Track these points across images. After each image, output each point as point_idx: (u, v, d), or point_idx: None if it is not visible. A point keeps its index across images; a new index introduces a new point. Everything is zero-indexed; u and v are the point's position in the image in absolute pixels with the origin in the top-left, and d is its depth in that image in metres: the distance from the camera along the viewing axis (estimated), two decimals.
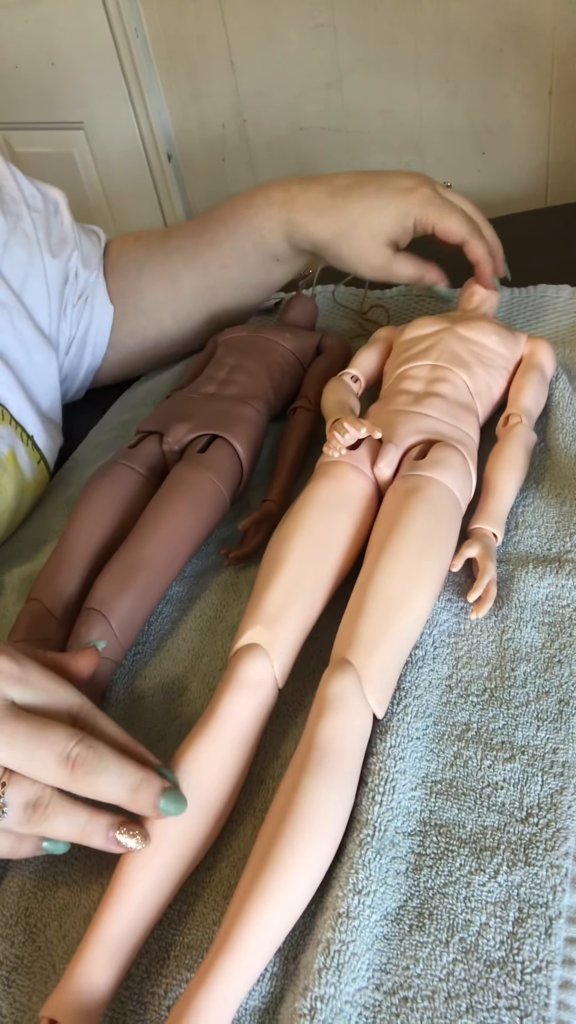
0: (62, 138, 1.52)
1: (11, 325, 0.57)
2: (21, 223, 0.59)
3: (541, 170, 1.17)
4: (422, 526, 0.41)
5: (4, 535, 0.56)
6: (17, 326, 0.57)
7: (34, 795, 0.32)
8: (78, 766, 0.31)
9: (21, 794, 0.31)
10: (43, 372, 0.60)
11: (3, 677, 0.33)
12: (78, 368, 0.67)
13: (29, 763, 0.31)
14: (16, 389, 0.56)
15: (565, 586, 0.42)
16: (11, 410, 0.56)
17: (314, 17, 1.18)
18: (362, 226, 0.59)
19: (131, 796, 0.32)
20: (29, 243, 0.59)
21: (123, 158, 1.49)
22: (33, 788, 0.32)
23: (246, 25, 1.24)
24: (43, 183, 0.64)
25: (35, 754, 0.31)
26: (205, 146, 1.42)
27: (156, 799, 0.32)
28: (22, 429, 0.56)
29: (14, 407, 0.56)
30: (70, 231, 0.64)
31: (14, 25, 1.39)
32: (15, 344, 0.57)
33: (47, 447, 0.59)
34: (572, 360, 0.58)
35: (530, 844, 0.33)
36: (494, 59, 1.10)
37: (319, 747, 0.34)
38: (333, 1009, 0.29)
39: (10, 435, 0.55)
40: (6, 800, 0.31)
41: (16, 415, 0.56)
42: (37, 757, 0.31)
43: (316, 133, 1.31)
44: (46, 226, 0.61)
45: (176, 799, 0.33)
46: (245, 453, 0.51)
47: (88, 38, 1.35)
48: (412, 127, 1.22)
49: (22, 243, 0.59)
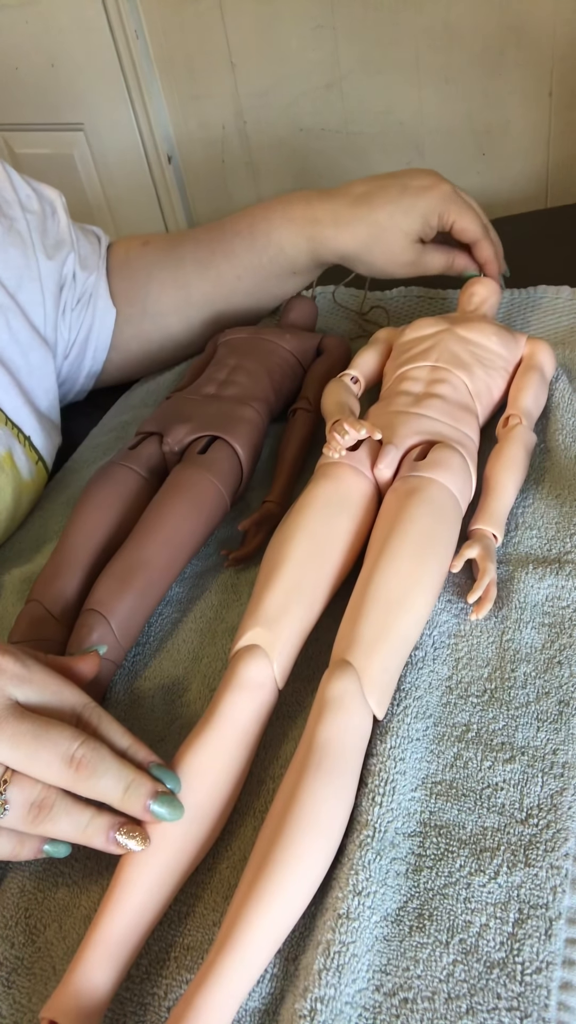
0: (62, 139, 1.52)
1: (6, 325, 0.57)
2: (16, 225, 0.59)
3: (541, 171, 1.17)
4: (422, 527, 0.41)
5: (3, 536, 0.56)
6: (12, 326, 0.57)
7: (38, 795, 0.32)
8: (82, 767, 0.32)
9: (23, 793, 0.32)
10: (40, 372, 0.60)
11: (7, 677, 0.33)
12: (78, 371, 0.67)
13: (33, 763, 0.32)
14: (12, 390, 0.56)
15: (565, 587, 0.42)
16: (6, 411, 0.56)
17: (314, 18, 1.18)
18: (391, 228, 0.60)
19: (122, 797, 0.33)
20: (24, 245, 0.59)
21: (123, 159, 1.49)
22: (36, 788, 0.32)
23: (246, 26, 1.24)
24: (41, 183, 0.64)
25: (39, 754, 0.32)
26: (205, 147, 1.42)
27: (145, 801, 0.33)
28: (19, 430, 0.56)
29: (9, 408, 0.56)
30: (67, 233, 0.64)
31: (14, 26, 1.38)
32: (11, 344, 0.57)
33: (45, 447, 0.59)
34: (572, 361, 0.58)
35: (530, 845, 0.33)
36: (494, 60, 1.10)
37: (319, 748, 0.34)
38: (333, 1010, 0.29)
39: (6, 436, 0.55)
40: (7, 798, 0.31)
41: (12, 416, 0.56)
42: (41, 757, 0.32)
43: (316, 134, 1.31)
44: (41, 228, 0.61)
45: (170, 803, 0.33)
46: (245, 454, 0.51)
47: (88, 39, 1.35)
48: (412, 128, 1.22)
49: (16, 244, 0.59)
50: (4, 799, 0.31)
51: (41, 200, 0.63)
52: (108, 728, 0.35)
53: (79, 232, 0.66)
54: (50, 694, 0.34)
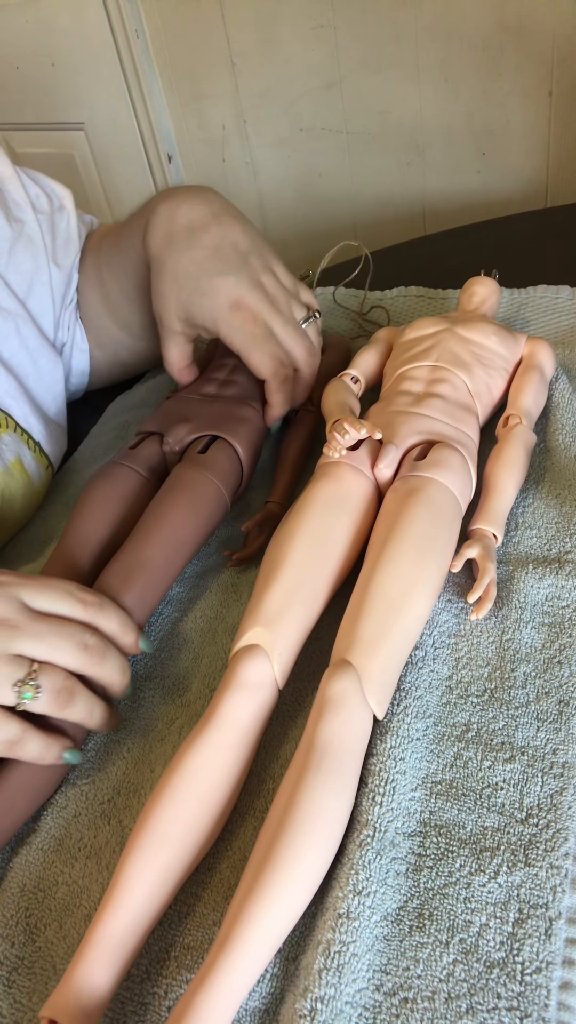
0: (63, 139, 1.52)
1: (16, 331, 0.56)
2: (26, 228, 0.59)
3: (541, 171, 1.17)
4: (422, 527, 0.41)
5: (10, 539, 0.56)
6: (22, 332, 0.57)
7: (63, 682, 0.37)
8: (94, 652, 0.38)
9: (51, 680, 0.36)
10: (49, 378, 0.60)
11: (10, 586, 0.37)
12: (69, 371, 0.67)
13: (56, 652, 0.37)
14: (21, 397, 0.56)
15: (565, 587, 0.42)
16: (16, 418, 0.55)
17: (314, 18, 1.18)
18: (178, 286, 0.50)
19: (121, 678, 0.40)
20: (35, 249, 0.58)
21: (123, 159, 1.49)
22: (61, 676, 0.37)
23: (246, 25, 1.24)
24: (50, 180, 0.63)
25: (60, 644, 0.37)
26: (205, 147, 1.42)
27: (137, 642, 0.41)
28: (28, 436, 0.56)
29: (19, 415, 0.56)
30: (76, 230, 0.63)
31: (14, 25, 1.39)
32: (21, 351, 0.57)
33: (53, 452, 0.59)
34: (572, 360, 0.58)
35: (530, 845, 0.33)
36: (494, 60, 1.10)
37: (319, 748, 0.34)
38: (333, 1010, 0.29)
39: (15, 442, 0.55)
40: (39, 683, 0.36)
41: (22, 422, 0.56)
42: (62, 647, 0.37)
43: (316, 134, 1.31)
44: (51, 228, 0.61)
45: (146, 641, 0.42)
46: (245, 454, 0.51)
47: (88, 39, 1.35)
48: (412, 127, 1.22)
49: (27, 250, 0.58)
50: (36, 684, 0.36)
51: (50, 198, 0.62)
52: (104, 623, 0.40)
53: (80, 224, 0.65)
54: (53, 597, 0.38)
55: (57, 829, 0.38)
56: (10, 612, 0.37)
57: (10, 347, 0.56)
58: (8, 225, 0.57)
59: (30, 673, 0.36)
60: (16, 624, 0.36)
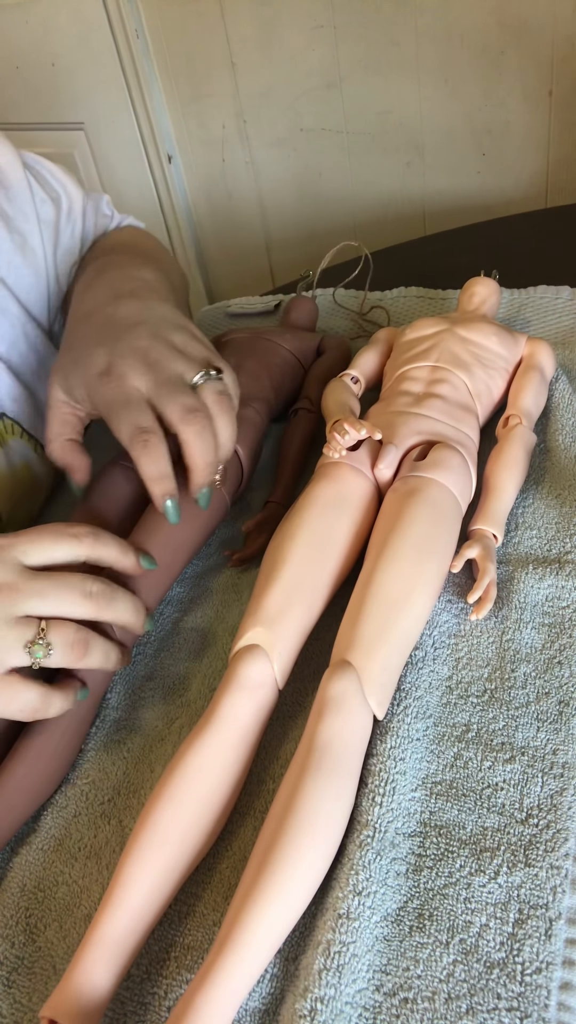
0: (62, 139, 1.52)
1: (24, 336, 0.56)
2: (29, 240, 0.58)
3: (541, 171, 1.17)
4: (422, 527, 0.41)
5: None
6: (28, 335, 0.57)
7: (75, 634, 0.37)
8: (99, 598, 0.38)
9: (62, 635, 0.37)
10: None
11: (5, 549, 0.37)
12: None
13: (61, 605, 0.37)
14: (29, 403, 0.56)
15: (565, 587, 0.42)
16: (23, 424, 0.56)
17: (314, 18, 1.18)
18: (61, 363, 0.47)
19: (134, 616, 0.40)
20: (36, 263, 0.58)
21: (123, 159, 1.49)
22: (71, 628, 0.37)
23: (246, 25, 1.24)
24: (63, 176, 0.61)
25: (64, 597, 0.37)
26: (205, 147, 1.42)
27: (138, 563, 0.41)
28: (36, 442, 0.57)
29: (27, 423, 0.56)
30: (78, 243, 0.62)
31: (14, 25, 1.38)
32: (29, 354, 0.57)
33: None
34: (572, 361, 0.58)
35: (530, 845, 0.33)
36: (494, 60, 1.10)
37: (319, 748, 0.34)
38: (333, 1010, 0.29)
39: (22, 447, 0.55)
40: (49, 640, 0.36)
41: (29, 429, 0.56)
42: (66, 599, 0.37)
43: (316, 134, 1.31)
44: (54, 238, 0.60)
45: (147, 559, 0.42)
46: (245, 454, 0.51)
47: (88, 38, 1.35)
48: (412, 128, 1.22)
49: (30, 264, 0.57)
50: (47, 641, 0.36)
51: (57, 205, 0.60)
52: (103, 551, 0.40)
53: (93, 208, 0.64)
54: (47, 543, 0.38)
55: (57, 829, 0.38)
56: (9, 575, 0.36)
57: (18, 352, 0.56)
58: (8, 237, 0.56)
59: (39, 632, 0.36)
60: (16, 586, 0.36)
